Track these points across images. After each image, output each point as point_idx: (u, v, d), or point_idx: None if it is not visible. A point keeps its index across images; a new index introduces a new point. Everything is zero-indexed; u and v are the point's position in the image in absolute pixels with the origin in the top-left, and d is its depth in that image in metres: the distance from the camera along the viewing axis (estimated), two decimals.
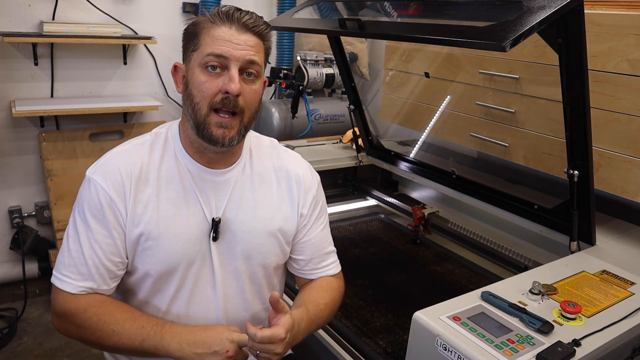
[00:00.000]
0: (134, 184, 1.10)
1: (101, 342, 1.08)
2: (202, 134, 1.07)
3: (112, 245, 1.09)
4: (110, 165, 1.11)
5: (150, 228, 1.09)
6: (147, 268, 1.11)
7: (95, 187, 1.09)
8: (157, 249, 1.10)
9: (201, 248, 1.14)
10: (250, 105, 1.09)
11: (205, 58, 1.04)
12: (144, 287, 1.14)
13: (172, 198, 1.12)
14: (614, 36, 1.43)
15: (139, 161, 1.12)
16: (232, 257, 1.17)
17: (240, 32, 1.06)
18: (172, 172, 1.13)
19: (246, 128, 1.11)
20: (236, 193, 1.17)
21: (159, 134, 1.18)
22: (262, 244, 1.19)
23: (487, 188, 1.77)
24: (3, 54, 2.66)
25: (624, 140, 1.45)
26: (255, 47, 1.07)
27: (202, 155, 1.14)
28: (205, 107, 1.05)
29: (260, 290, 1.24)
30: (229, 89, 1.03)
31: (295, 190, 1.24)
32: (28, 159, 2.86)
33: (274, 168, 1.24)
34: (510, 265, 1.72)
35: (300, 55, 3.11)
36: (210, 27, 1.06)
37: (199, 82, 1.05)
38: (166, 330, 1.06)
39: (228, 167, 1.17)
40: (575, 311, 1.03)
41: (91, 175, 1.10)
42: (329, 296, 1.25)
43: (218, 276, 1.16)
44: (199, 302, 1.16)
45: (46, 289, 2.85)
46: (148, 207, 1.10)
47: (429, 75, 2.11)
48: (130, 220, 1.09)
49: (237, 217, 1.17)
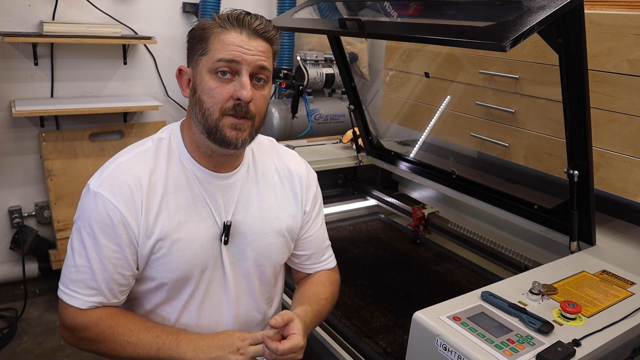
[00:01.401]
0: (145, 196, 1.07)
1: (116, 354, 1.08)
2: (215, 137, 1.05)
3: (122, 260, 1.07)
4: (116, 177, 1.07)
5: (163, 237, 1.08)
6: (162, 277, 1.10)
7: (103, 203, 1.05)
8: (171, 257, 1.09)
9: (213, 252, 1.14)
10: (261, 111, 1.09)
11: (216, 64, 1.03)
12: (158, 295, 1.14)
13: (182, 205, 1.10)
14: (614, 36, 1.43)
15: (147, 171, 1.09)
16: (242, 258, 1.18)
17: (250, 37, 1.04)
18: (180, 179, 1.11)
19: (256, 132, 1.11)
20: (243, 195, 1.18)
21: (161, 139, 1.15)
22: (270, 243, 1.20)
23: (487, 188, 1.77)
24: (3, 54, 2.66)
25: (624, 140, 1.45)
26: (266, 53, 1.06)
27: (208, 160, 1.13)
28: (217, 113, 1.04)
29: (268, 290, 1.25)
30: (241, 96, 1.02)
31: (298, 189, 1.25)
32: (28, 159, 2.86)
33: (276, 168, 1.25)
34: (510, 265, 1.72)
35: (300, 55, 3.11)
36: (220, 32, 1.04)
37: (209, 87, 1.04)
38: (181, 339, 1.07)
39: (233, 169, 1.17)
40: (575, 311, 1.03)
41: (97, 190, 1.06)
42: (328, 291, 1.27)
43: (229, 278, 1.17)
44: (211, 306, 1.17)
45: (46, 289, 2.84)
46: (160, 217, 1.08)
47: (429, 75, 2.11)
48: (144, 233, 1.07)
49: (246, 219, 1.17)
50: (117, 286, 1.08)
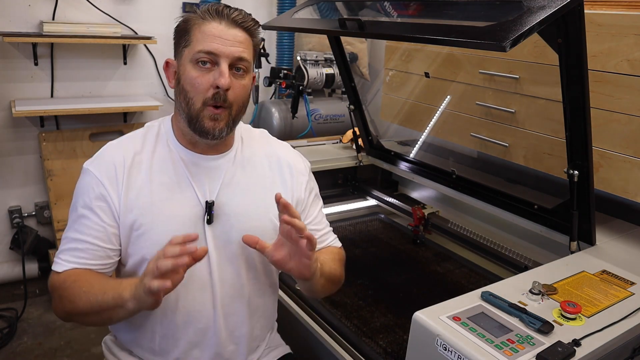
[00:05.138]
0: (127, 171, 1.14)
1: (75, 305, 1.08)
2: (195, 126, 1.12)
3: (102, 232, 1.12)
4: (104, 156, 1.17)
5: (144, 212, 1.12)
6: (144, 253, 1.12)
7: (89, 178, 1.14)
8: (152, 233, 1.12)
9: (196, 232, 1.13)
10: (238, 99, 1.13)
11: (197, 55, 1.09)
12: (141, 271, 1.13)
13: (165, 183, 1.15)
14: (614, 36, 1.43)
15: (132, 151, 1.16)
16: (227, 241, 1.18)
17: (229, 27, 1.10)
18: (165, 159, 1.17)
19: (234, 121, 1.15)
20: (229, 177, 1.20)
21: (152, 126, 1.23)
22: (256, 226, 1.19)
23: (487, 188, 1.77)
24: (3, 54, 2.66)
25: (624, 140, 1.45)
26: (244, 43, 1.12)
27: (194, 146, 1.18)
28: (199, 102, 1.10)
29: (256, 276, 1.24)
30: (219, 84, 1.07)
31: (287, 175, 1.27)
32: (28, 159, 2.86)
33: (265, 154, 1.27)
34: (510, 265, 1.72)
35: (300, 55, 3.11)
36: (200, 23, 1.11)
37: (191, 77, 1.10)
38: (124, 280, 1.07)
39: (220, 154, 1.21)
40: (575, 311, 1.03)
41: (87, 167, 1.16)
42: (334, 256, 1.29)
43: (213, 261, 1.17)
44: (195, 288, 1.16)
45: (46, 289, 2.83)
46: (141, 193, 1.13)
47: (429, 75, 2.11)
48: (124, 207, 1.12)
49: (232, 200, 1.18)
50: (95, 257, 1.12)
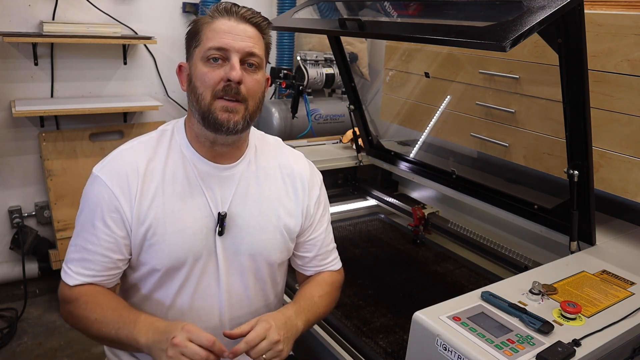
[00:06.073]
0: (140, 180, 1.11)
1: (86, 330, 1.09)
2: (208, 121, 1.08)
3: (112, 243, 1.10)
4: (116, 163, 1.13)
5: (157, 223, 1.10)
6: (154, 263, 1.12)
7: (100, 186, 1.10)
8: (164, 244, 1.11)
9: (207, 243, 1.14)
10: (254, 95, 1.10)
11: (207, 52, 1.07)
12: (150, 282, 1.15)
13: (177, 192, 1.13)
14: (614, 36, 1.43)
15: (145, 158, 1.13)
16: (237, 252, 1.17)
17: (238, 22, 1.09)
18: (178, 167, 1.14)
19: (251, 117, 1.12)
20: (242, 188, 1.18)
21: (165, 130, 1.19)
22: (267, 239, 1.20)
23: (487, 188, 1.77)
24: (3, 54, 2.66)
25: (624, 140, 1.45)
26: (254, 39, 1.10)
27: (208, 150, 1.15)
28: (209, 96, 1.07)
29: (263, 287, 1.24)
30: (230, 76, 1.05)
31: (300, 189, 1.25)
32: (28, 159, 2.86)
33: (279, 165, 1.25)
34: (510, 265, 1.72)
35: (300, 55, 3.11)
36: (210, 22, 1.10)
37: (201, 73, 1.08)
38: (139, 320, 1.05)
39: (234, 162, 1.18)
40: (575, 311, 1.03)
41: (97, 173, 1.12)
42: (324, 289, 1.27)
43: (222, 272, 1.17)
44: (203, 297, 1.17)
45: (46, 289, 2.84)
46: (154, 202, 1.11)
47: (429, 75, 2.11)
48: (136, 218, 1.10)
49: (243, 211, 1.17)
50: (105, 269, 1.11)
